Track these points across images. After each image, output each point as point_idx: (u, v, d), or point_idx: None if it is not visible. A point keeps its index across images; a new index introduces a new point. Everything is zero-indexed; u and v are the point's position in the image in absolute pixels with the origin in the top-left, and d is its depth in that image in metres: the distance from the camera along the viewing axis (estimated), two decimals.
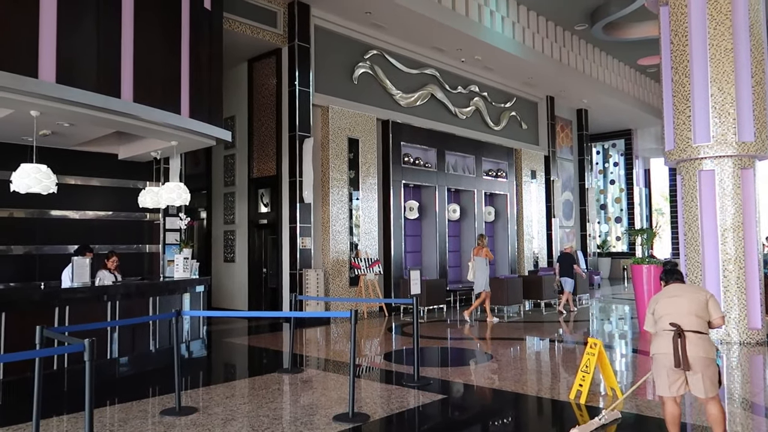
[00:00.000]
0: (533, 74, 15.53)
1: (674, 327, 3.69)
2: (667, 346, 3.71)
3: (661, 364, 3.77)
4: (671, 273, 4.08)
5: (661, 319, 3.81)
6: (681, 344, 3.63)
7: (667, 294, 3.90)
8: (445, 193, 13.84)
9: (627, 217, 22.67)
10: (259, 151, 11.74)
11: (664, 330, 3.77)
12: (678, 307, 3.77)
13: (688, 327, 3.69)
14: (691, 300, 3.78)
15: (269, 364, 7.36)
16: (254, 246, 11.89)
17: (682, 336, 3.65)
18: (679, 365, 3.64)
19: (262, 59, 11.60)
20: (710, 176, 8.34)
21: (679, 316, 3.73)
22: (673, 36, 8.72)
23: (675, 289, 3.91)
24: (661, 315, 3.83)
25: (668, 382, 3.75)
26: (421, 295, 10.83)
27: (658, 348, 3.79)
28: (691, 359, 3.63)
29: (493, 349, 8.04)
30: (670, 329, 3.72)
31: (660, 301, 3.88)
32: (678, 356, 3.63)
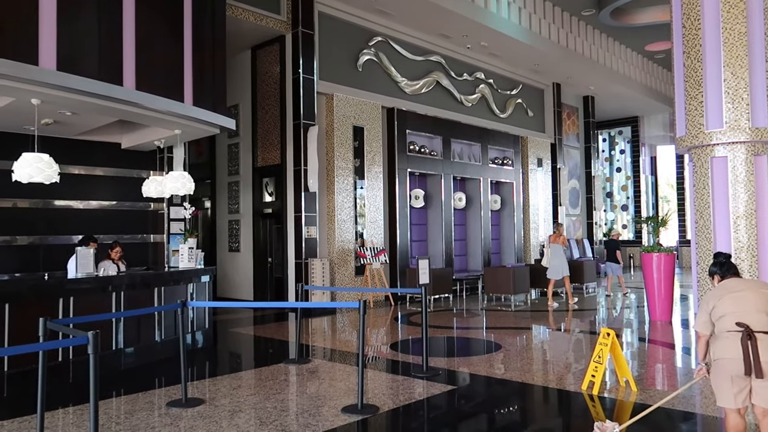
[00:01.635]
0: (539, 61, 15.34)
1: (742, 327, 3.19)
2: (735, 349, 3.20)
3: (726, 371, 3.27)
4: (727, 266, 3.56)
5: (723, 318, 3.29)
6: (752, 347, 3.14)
7: (727, 289, 3.36)
8: (450, 182, 13.72)
9: (633, 205, 22.52)
10: (263, 140, 11.63)
11: (728, 331, 3.26)
12: (744, 304, 3.26)
13: (759, 327, 3.18)
14: (760, 296, 3.27)
15: (275, 354, 7.30)
16: (259, 235, 11.82)
17: (752, 338, 3.14)
18: (750, 372, 3.14)
19: (265, 46, 11.46)
20: (723, 163, 8.19)
21: (747, 315, 3.22)
22: (685, 20, 8.53)
23: (736, 284, 3.40)
24: (723, 314, 3.29)
25: (734, 392, 3.26)
26: (429, 284, 10.74)
27: (723, 352, 3.28)
28: (764, 364, 3.14)
29: (501, 339, 7.96)
30: (737, 330, 3.22)
31: (722, 298, 3.33)
32: (749, 362, 3.13)
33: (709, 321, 3.39)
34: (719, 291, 3.40)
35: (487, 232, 14.75)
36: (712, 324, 3.38)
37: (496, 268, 11.87)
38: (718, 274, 3.58)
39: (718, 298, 3.36)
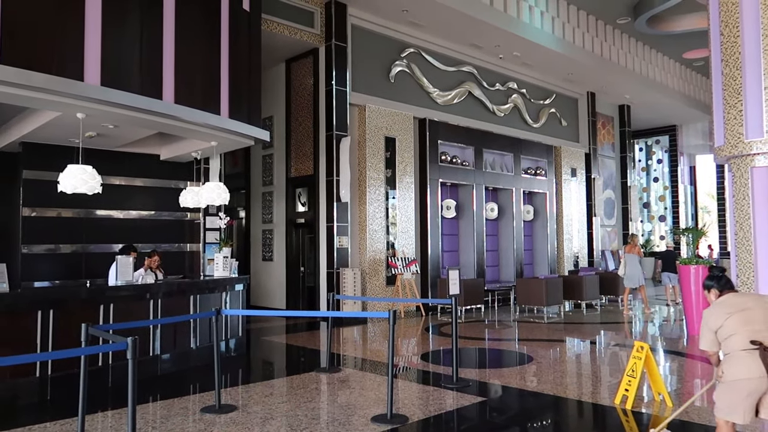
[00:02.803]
0: (573, 70, 15.20)
1: (757, 345, 3.17)
2: (756, 369, 3.17)
3: (744, 391, 3.22)
4: (725, 281, 3.51)
5: (734, 337, 3.25)
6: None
7: (733, 306, 3.33)
8: (482, 192, 13.67)
9: (672, 215, 22.01)
10: (296, 151, 11.81)
11: (743, 350, 3.22)
12: (755, 322, 3.23)
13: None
14: (767, 311, 3.28)
15: (307, 363, 7.38)
16: (292, 245, 11.98)
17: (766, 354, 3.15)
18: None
19: (299, 59, 11.67)
20: (764, 173, 7.97)
21: (759, 333, 3.20)
22: (723, 27, 8.36)
23: (740, 300, 3.38)
24: (733, 333, 3.26)
25: (747, 409, 3.25)
26: (459, 294, 10.70)
27: (739, 373, 3.22)
28: None
29: (533, 351, 7.88)
30: (752, 348, 3.19)
31: (731, 316, 3.29)
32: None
33: (716, 339, 3.36)
34: (725, 308, 3.35)
35: (520, 242, 14.62)
36: (719, 342, 3.35)
37: (528, 279, 11.75)
38: (715, 288, 3.52)
39: (726, 316, 3.30)
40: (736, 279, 8.27)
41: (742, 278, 8.15)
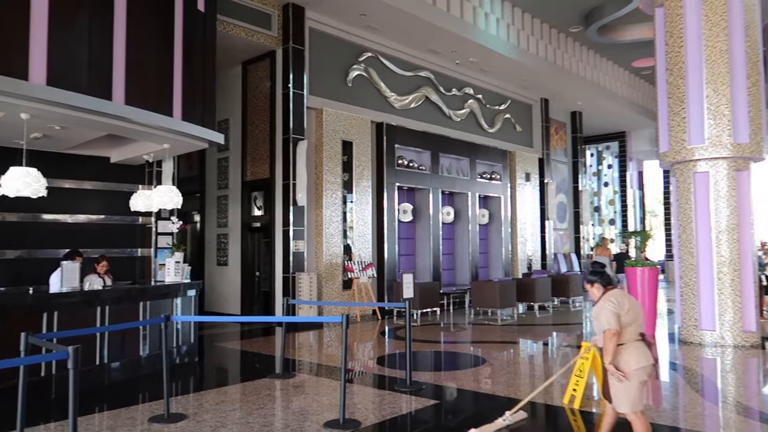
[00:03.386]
0: (528, 76, 15.52)
1: (642, 337, 3.61)
2: (650, 356, 3.56)
3: (644, 377, 3.56)
4: (607, 276, 3.73)
5: (630, 327, 3.56)
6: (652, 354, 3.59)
7: (627, 299, 3.63)
8: (439, 196, 13.81)
9: (621, 219, 22.70)
10: (252, 154, 11.68)
11: (636, 340, 3.57)
12: (639, 316, 3.61)
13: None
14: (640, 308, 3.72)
15: (261, 369, 7.29)
16: (247, 249, 11.83)
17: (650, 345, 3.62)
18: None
19: (256, 62, 11.55)
20: (705, 178, 8.33)
21: (642, 327, 3.62)
22: (668, 38, 8.71)
23: (625, 295, 3.69)
24: (630, 322, 3.56)
25: (644, 394, 3.61)
26: (414, 298, 10.75)
27: (639, 361, 3.53)
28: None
29: (486, 353, 7.99)
30: (640, 339, 3.58)
31: (631, 309, 3.58)
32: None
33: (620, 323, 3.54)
34: (622, 299, 3.58)
35: (475, 246, 14.82)
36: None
37: (483, 282, 11.92)
38: (599, 283, 3.68)
39: (628, 306, 3.55)
40: (679, 280, 8.61)
41: (686, 279, 8.48)
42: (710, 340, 8.09)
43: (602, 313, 3.57)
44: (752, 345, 7.99)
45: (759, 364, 7.26)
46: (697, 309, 8.24)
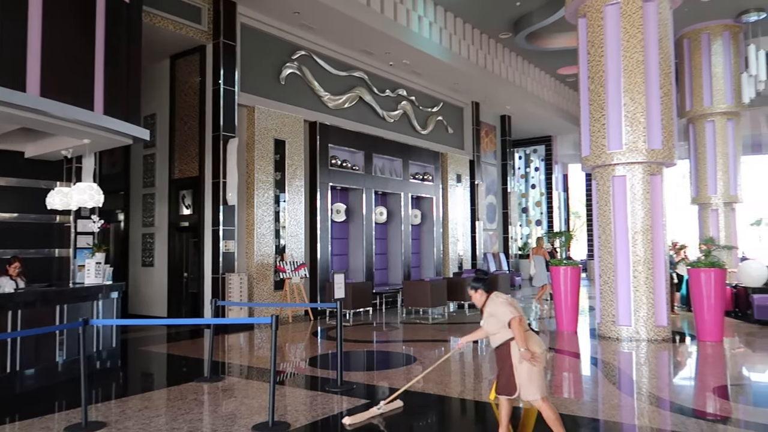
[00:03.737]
0: (459, 80, 15.85)
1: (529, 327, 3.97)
2: (541, 344, 3.90)
3: (543, 364, 3.88)
4: (489, 282, 4.05)
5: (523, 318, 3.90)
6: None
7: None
8: (372, 196, 13.87)
9: (547, 220, 23.57)
10: (180, 151, 11.32)
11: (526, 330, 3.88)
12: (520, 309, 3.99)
13: None
14: None
15: (188, 373, 7.07)
16: (175, 249, 11.45)
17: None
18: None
19: (185, 56, 11.19)
20: (622, 181, 8.78)
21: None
22: (590, 47, 9.12)
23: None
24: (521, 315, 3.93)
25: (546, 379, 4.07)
26: (347, 298, 10.77)
27: (539, 346, 3.87)
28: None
29: (417, 352, 8.10)
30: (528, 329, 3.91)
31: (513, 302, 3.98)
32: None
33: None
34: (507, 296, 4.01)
35: (408, 246, 15.00)
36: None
37: (414, 281, 12.07)
38: (482, 289, 3.97)
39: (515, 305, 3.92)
40: (599, 278, 9.03)
41: (605, 277, 8.91)
42: (626, 334, 8.54)
43: (499, 308, 3.88)
44: (664, 339, 8.49)
45: (669, 357, 7.73)
46: (615, 305, 8.68)
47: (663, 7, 8.82)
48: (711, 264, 8.65)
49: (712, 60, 13.87)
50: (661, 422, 4.82)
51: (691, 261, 10.15)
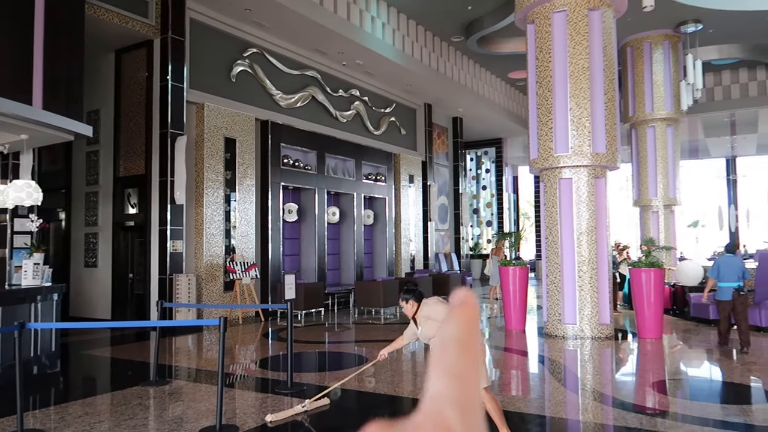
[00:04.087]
0: (412, 81, 15.95)
1: None
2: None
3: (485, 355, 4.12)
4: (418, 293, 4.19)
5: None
6: None
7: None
8: (324, 196, 13.81)
9: (497, 221, 24.02)
10: (126, 148, 10.97)
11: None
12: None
13: None
14: None
15: (133, 377, 6.87)
16: (119, 250, 11.09)
17: None
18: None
19: (131, 50, 10.85)
20: (568, 184, 9.04)
21: None
22: (538, 53, 9.35)
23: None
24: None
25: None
26: (298, 299, 10.68)
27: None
28: None
29: (369, 352, 8.11)
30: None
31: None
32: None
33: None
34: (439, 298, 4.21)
35: (360, 246, 15.00)
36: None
37: (367, 281, 12.09)
38: (413, 300, 4.10)
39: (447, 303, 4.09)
40: (545, 278, 9.26)
41: (551, 277, 9.14)
42: (572, 332, 8.79)
43: (433, 308, 4.02)
44: (607, 336, 8.79)
45: (612, 354, 8.01)
46: (561, 304, 8.92)
47: (607, 16, 9.13)
48: (651, 264, 9.00)
49: (653, 68, 14.44)
50: (603, 417, 4.99)
51: (633, 261, 10.53)
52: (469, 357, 0.29)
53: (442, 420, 0.27)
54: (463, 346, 0.29)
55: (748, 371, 6.77)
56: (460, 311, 0.30)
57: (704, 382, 6.54)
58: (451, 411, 0.27)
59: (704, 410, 5.13)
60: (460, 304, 0.30)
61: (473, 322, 0.30)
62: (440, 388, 0.28)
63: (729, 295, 7.76)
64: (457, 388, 0.28)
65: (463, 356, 0.29)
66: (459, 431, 0.26)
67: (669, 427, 4.68)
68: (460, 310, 0.30)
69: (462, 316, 0.30)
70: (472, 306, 0.30)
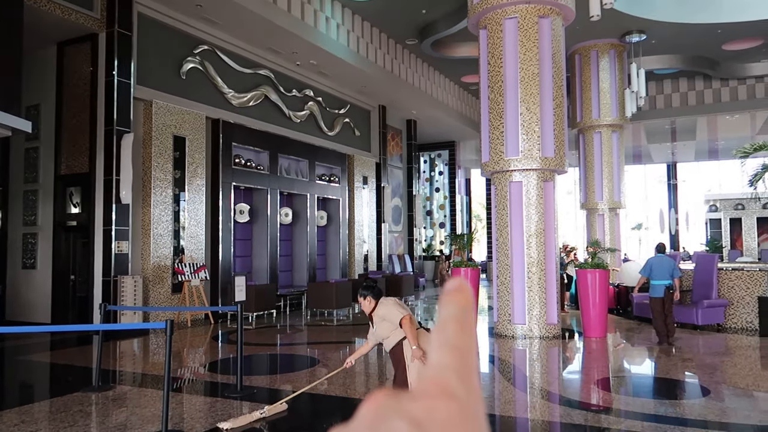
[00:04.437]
0: (366, 83, 15.96)
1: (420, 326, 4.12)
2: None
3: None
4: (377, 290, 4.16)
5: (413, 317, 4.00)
6: None
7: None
8: (277, 197, 13.65)
9: (450, 222, 24.30)
10: (69, 145, 10.55)
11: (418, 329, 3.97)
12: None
13: None
14: None
15: (74, 382, 6.60)
16: (61, 251, 10.66)
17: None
18: None
19: (75, 44, 10.45)
20: (519, 187, 9.22)
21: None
22: (490, 58, 9.50)
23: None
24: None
25: None
26: (249, 300, 10.52)
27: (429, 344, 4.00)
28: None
29: (321, 354, 8.05)
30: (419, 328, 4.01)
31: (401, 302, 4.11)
32: None
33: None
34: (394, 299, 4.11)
35: (313, 247, 14.90)
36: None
37: (320, 283, 12.02)
38: (371, 296, 4.08)
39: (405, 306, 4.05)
40: (496, 279, 9.42)
41: (501, 278, 9.30)
42: (521, 332, 8.97)
43: (389, 310, 3.96)
44: (554, 336, 9.01)
45: (559, 353, 8.21)
46: (511, 305, 9.09)
47: (556, 23, 9.37)
48: (596, 265, 9.29)
49: (599, 76, 14.92)
50: (550, 415, 5.11)
51: (580, 263, 10.83)
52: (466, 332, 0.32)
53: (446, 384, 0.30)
54: (459, 323, 0.32)
55: (685, 368, 7.06)
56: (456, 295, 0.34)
57: (645, 379, 6.79)
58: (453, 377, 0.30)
59: (645, 406, 5.33)
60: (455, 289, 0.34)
61: (468, 303, 0.33)
62: (441, 359, 0.31)
63: (661, 292, 8.35)
64: (457, 359, 0.31)
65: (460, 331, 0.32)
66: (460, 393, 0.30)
67: (612, 423, 4.83)
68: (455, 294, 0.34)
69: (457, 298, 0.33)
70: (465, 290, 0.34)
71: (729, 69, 17.48)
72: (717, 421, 4.73)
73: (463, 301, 0.34)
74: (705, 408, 5.15)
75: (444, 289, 0.35)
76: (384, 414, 0.30)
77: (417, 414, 0.29)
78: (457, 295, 0.34)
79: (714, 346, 8.45)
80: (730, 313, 9.73)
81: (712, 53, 16.46)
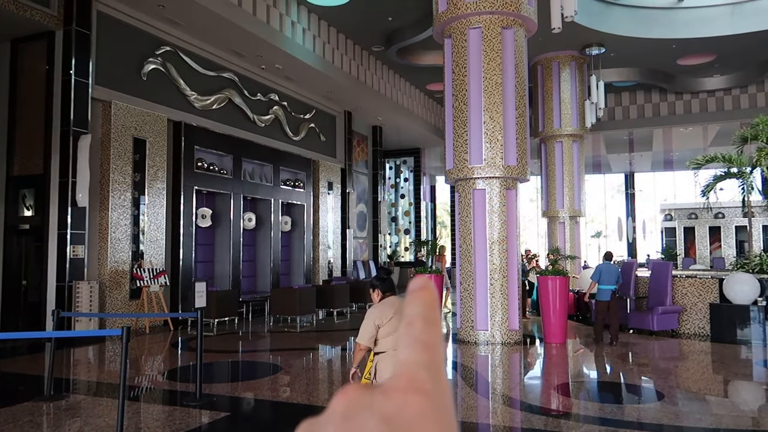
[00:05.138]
0: (332, 88, 15.92)
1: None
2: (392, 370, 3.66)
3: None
4: (389, 283, 3.76)
5: (390, 337, 3.52)
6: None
7: (395, 308, 3.58)
8: (240, 201, 13.47)
9: (414, 229, 24.40)
10: (22, 146, 10.20)
11: (393, 350, 3.47)
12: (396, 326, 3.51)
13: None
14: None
15: (24, 392, 6.35)
16: (12, 255, 10.28)
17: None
18: None
19: (30, 41, 10.13)
20: (482, 194, 9.33)
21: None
22: (454, 66, 9.61)
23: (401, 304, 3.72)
24: (391, 332, 3.51)
25: None
26: (210, 306, 10.32)
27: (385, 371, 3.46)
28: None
29: (284, 360, 7.96)
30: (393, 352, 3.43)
31: (392, 318, 3.52)
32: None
33: (375, 335, 3.55)
34: (387, 309, 3.56)
35: (277, 253, 14.75)
36: (376, 339, 3.57)
37: (283, 289, 11.90)
38: (379, 289, 3.71)
39: (390, 316, 3.54)
40: (459, 285, 9.50)
41: (465, 284, 9.38)
42: (483, 338, 9.05)
43: (364, 322, 3.61)
44: (516, 342, 9.12)
45: (520, 359, 8.32)
46: (474, 311, 9.17)
47: (519, 34, 9.53)
48: (557, 272, 9.45)
49: (561, 86, 15.25)
50: (511, 420, 5.16)
51: (541, 269, 11.01)
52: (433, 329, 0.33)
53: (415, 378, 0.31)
54: (426, 320, 0.33)
55: (641, 373, 7.25)
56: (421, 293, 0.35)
57: (603, 384, 6.93)
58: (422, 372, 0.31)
59: (603, 410, 5.44)
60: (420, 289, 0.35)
61: (433, 301, 0.35)
62: (410, 354, 0.32)
63: (608, 296, 9.04)
64: (425, 354, 0.32)
65: (427, 328, 0.33)
66: (429, 387, 0.31)
67: (571, 427, 4.91)
68: (420, 293, 0.35)
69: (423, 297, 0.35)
70: (430, 290, 0.35)
71: (683, 83, 18.11)
72: (671, 425, 4.86)
73: (428, 298, 0.35)
74: (660, 412, 5.29)
75: (409, 288, 0.35)
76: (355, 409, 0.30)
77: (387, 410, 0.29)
78: (422, 293, 0.35)
79: (668, 351, 8.69)
80: (684, 319, 10.03)
81: (668, 67, 17.02)
